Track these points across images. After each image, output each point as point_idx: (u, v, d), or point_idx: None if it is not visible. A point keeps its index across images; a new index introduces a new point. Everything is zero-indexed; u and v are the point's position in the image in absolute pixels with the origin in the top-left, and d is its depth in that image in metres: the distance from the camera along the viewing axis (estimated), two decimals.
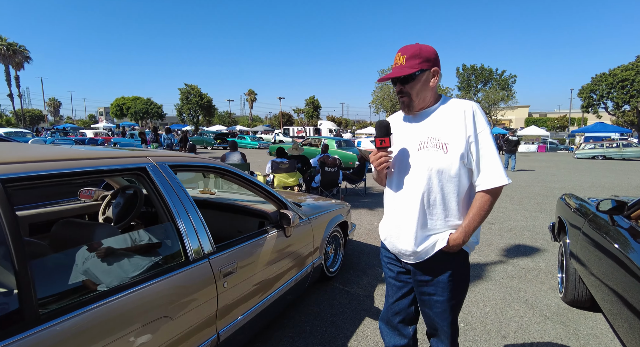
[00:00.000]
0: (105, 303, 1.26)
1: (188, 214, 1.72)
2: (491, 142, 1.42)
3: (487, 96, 34.76)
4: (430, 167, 1.42)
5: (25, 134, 19.70)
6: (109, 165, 1.51)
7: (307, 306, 2.95)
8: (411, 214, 1.46)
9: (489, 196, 1.42)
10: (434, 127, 1.46)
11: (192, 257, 1.66)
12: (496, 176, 1.39)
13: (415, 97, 1.44)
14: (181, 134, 19.33)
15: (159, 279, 1.49)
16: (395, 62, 1.43)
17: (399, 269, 1.64)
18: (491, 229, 5.49)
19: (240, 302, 1.95)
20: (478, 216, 1.41)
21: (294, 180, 6.64)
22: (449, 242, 1.45)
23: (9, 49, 39.21)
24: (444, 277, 1.50)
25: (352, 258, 4.09)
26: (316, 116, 51.92)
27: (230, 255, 1.89)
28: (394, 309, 1.69)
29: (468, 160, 1.41)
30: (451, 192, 1.43)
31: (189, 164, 1.93)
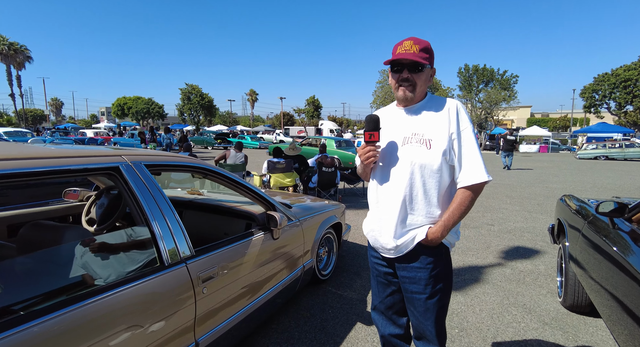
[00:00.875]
0: (67, 312, 1.17)
1: (164, 216, 1.63)
2: (473, 139, 1.45)
3: (489, 96, 34.61)
4: (413, 162, 1.44)
5: (25, 133, 19.69)
6: (77, 164, 1.42)
7: (297, 310, 2.86)
8: (393, 207, 1.48)
9: (470, 192, 1.44)
10: (419, 123, 1.48)
11: (167, 262, 1.58)
12: (477, 172, 1.42)
13: (419, 89, 1.46)
14: (180, 134, 19.31)
15: (130, 285, 1.40)
16: (406, 48, 1.41)
17: (385, 270, 1.66)
18: (490, 231, 5.39)
19: (222, 308, 1.86)
20: (458, 210, 1.43)
21: (291, 180, 6.55)
22: (427, 236, 1.47)
23: (10, 49, 39.27)
24: (425, 273, 1.51)
25: (347, 260, 4.00)
26: (317, 116, 51.84)
27: (211, 259, 1.80)
28: (386, 303, 1.72)
29: (450, 157, 1.44)
30: (433, 187, 1.45)
31: (168, 164, 1.84)
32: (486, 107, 34.60)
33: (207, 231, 2.72)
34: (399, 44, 1.45)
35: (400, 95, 1.49)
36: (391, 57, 1.45)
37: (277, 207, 2.48)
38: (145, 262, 1.56)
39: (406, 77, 1.45)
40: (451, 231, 1.49)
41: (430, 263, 1.51)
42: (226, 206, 2.65)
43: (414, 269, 1.52)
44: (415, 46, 1.41)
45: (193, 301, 1.65)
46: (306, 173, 7.39)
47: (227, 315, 1.92)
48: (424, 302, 1.53)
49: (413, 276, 1.53)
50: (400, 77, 1.46)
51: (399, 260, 1.56)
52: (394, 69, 1.47)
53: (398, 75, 1.46)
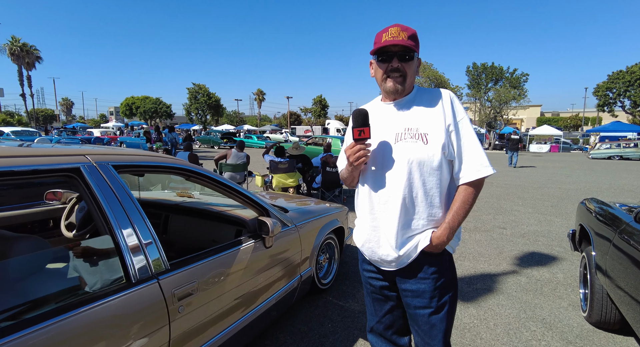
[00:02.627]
0: (5, 342, 0.96)
1: (133, 224, 1.41)
2: (472, 130, 1.35)
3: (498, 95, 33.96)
4: (409, 160, 1.31)
5: (33, 132, 19.79)
6: (26, 165, 1.21)
7: (293, 323, 2.63)
8: (391, 214, 1.35)
9: (472, 188, 1.34)
10: (411, 117, 1.36)
11: (135, 278, 1.36)
12: (480, 166, 1.32)
13: (409, 79, 1.35)
14: (185, 133, 19.25)
15: (87, 307, 1.19)
16: (393, 35, 1.28)
17: (381, 284, 1.51)
18: (502, 235, 5.11)
19: (203, 328, 1.64)
20: (462, 209, 1.33)
21: (293, 180, 6.32)
22: (432, 241, 1.34)
23: (22, 50, 39.71)
24: (429, 284, 1.38)
25: (350, 266, 3.75)
26: (324, 115, 51.57)
27: (189, 273, 1.58)
28: (385, 322, 1.57)
29: (449, 151, 1.32)
30: (434, 186, 1.33)
31: (142, 164, 1.62)
32: (495, 106, 33.94)
33: (193, 238, 2.50)
34: (384, 32, 1.31)
35: (389, 87, 1.35)
36: (377, 46, 1.31)
37: (271, 212, 2.25)
38: (109, 279, 1.34)
39: (396, 67, 1.31)
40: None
41: (435, 272, 1.38)
42: (215, 211, 2.43)
43: (417, 281, 1.39)
44: (403, 33, 1.28)
45: (166, 323, 1.44)
46: (310, 173, 7.16)
47: (210, 335, 1.70)
48: (428, 317, 1.39)
49: (416, 289, 1.39)
50: (390, 66, 1.32)
51: (399, 272, 1.41)
52: (380, 58, 1.34)
53: (387, 65, 1.33)
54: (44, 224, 2.57)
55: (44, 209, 2.61)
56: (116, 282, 1.34)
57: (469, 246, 4.57)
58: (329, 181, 6.68)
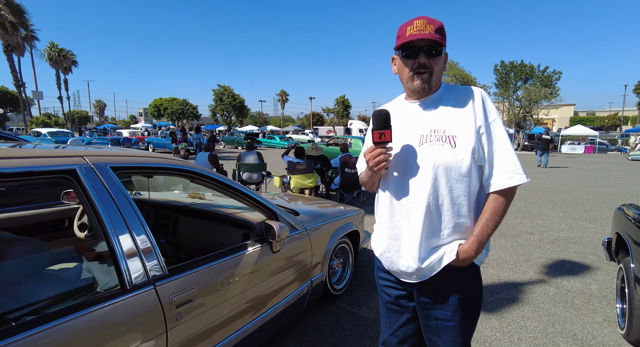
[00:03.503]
0: None
1: (129, 228, 1.36)
2: (504, 133, 1.23)
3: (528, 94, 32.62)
4: (435, 165, 1.20)
5: (67, 133, 20.73)
6: (18, 166, 1.18)
7: (304, 330, 2.54)
8: (414, 223, 1.24)
9: (503, 198, 1.22)
10: (437, 118, 1.25)
11: (130, 284, 1.31)
12: (513, 173, 1.20)
13: (435, 76, 1.24)
14: (209, 134, 19.62)
15: (78, 313, 1.14)
16: (419, 28, 1.17)
17: (397, 293, 1.42)
18: (530, 240, 4.83)
19: (204, 336, 1.58)
20: (492, 221, 1.21)
21: (312, 181, 6.24)
22: (458, 255, 1.23)
23: (59, 55, 41.69)
24: (454, 297, 1.28)
25: (365, 271, 3.63)
26: (346, 116, 51.32)
27: (188, 279, 1.52)
28: (399, 336, 1.46)
29: (479, 156, 1.21)
30: (462, 194, 1.22)
31: (143, 166, 1.58)
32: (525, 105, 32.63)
33: (202, 241, 2.46)
34: (408, 25, 1.20)
35: (416, 85, 1.24)
36: (401, 40, 1.20)
37: (279, 215, 2.17)
38: (102, 285, 1.30)
39: (423, 63, 1.20)
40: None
41: (460, 285, 1.28)
42: (223, 213, 2.38)
43: (440, 294, 1.29)
44: (430, 26, 1.17)
45: (163, 331, 1.38)
46: (328, 174, 7.06)
47: (213, 343, 1.64)
48: (451, 329, 1.30)
49: (439, 301, 1.30)
50: (416, 63, 1.21)
51: (420, 284, 1.31)
52: (405, 54, 1.23)
53: (412, 61, 1.22)
54: (60, 224, 2.61)
55: (60, 209, 2.65)
56: (110, 288, 1.29)
57: (492, 252, 4.35)
58: (348, 182, 6.55)
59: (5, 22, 27.24)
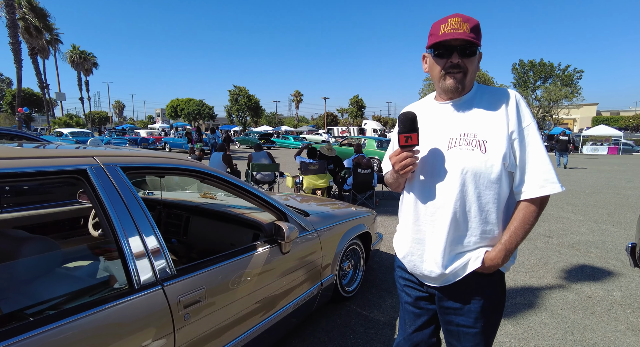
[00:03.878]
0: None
1: (138, 229, 1.37)
2: (539, 139, 1.18)
3: (548, 93, 31.83)
4: (464, 170, 1.17)
5: (87, 133, 21.32)
6: (31, 166, 1.20)
7: (313, 333, 2.52)
8: (439, 228, 1.22)
9: (535, 206, 1.18)
10: (468, 121, 1.21)
11: (138, 284, 1.32)
12: (546, 181, 1.15)
13: (469, 76, 1.20)
14: (224, 134, 19.86)
15: (87, 313, 1.16)
16: (453, 26, 1.14)
17: (418, 294, 1.40)
18: (548, 244, 4.69)
19: (212, 336, 1.58)
20: (521, 230, 1.18)
21: (324, 182, 6.23)
22: (484, 262, 1.20)
23: (80, 57, 42.92)
24: (477, 304, 1.25)
25: (377, 273, 3.59)
26: (360, 116, 51.15)
27: (196, 280, 1.52)
28: (413, 340, 1.44)
29: (510, 162, 1.16)
30: (490, 201, 1.18)
31: (153, 166, 1.59)
32: (544, 105, 31.87)
33: (213, 241, 2.47)
34: (443, 22, 1.16)
35: (449, 85, 1.20)
36: (434, 39, 1.17)
37: (289, 216, 2.16)
38: (110, 284, 1.31)
39: (457, 63, 1.17)
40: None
41: (483, 292, 1.26)
42: (233, 213, 2.38)
43: (463, 300, 1.27)
44: (465, 25, 1.13)
45: (171, 331, 1.38)
46: (341, 175, 7.03)
47: (221, 343, 1.64)
48: (473, 336, 1.28)
49: (460, 307, 1.28)
50: (449, 62, 1.18)
51: (442, 289, 1.30)
52: (437, 53, 1.19)
53: (445, 60, 1.18)
54: (76, 223, 2.66)
55: (77, 207, 2.70)
56: (118, 287, 1.30)
57: None
58: (361, 183, 6.51)
59: (29, 26, 28.21)
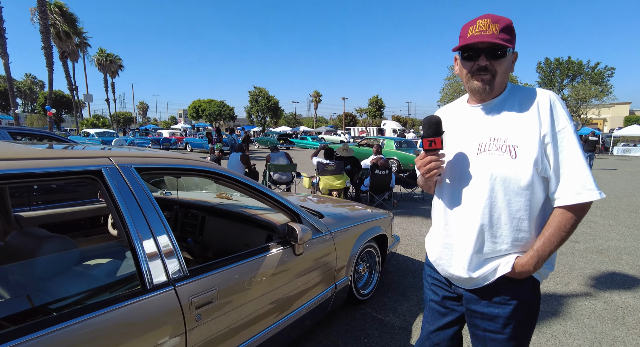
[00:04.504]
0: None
1: (151, 229, 1.38)
2: (575, 142, 1.10)
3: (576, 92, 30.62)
4: (493, 176, 1.14)
5: (112, 133, 22.04)
6: (48, 167, 1.23)
7: (327, 335, 2.50)
8: (467, 234, 1.20)
9: (572, 214, 1.11)
10: (499, 125, 1.17)
11: (150, 284, 1.33)
12: (583, 187, 1.08)
13: (499, 78, 1.16)
14: (244, 135, 20.12)
15: (99, 312, 1.17)
16: (481, 28, 1.12)
17: (445, 293, 1.37)
18: (574, 249, 4.49)
19: (224, 337, 1.58)
20: (556, 237, 1.11)
21: (341, 183, 6.19)
22: (514, 268, 1.16)
23: (107, 59, 44.44)
24: (506, 310, 1.20)
25: (394, 277, 3.53)
26: (379, 116, 50.75)
27: (209, 280, 1.52)
28: (433, 339, 1.42)
29: (543, 167, 1.11)
30: (521, 208, 1.14)
31: (165, 167, 1.60)
32: (572, 104, 30.67)
33: (227, 241, 2.48)
34: (471, 24, 1.14)
35: (475, 86, 1.17)
36: (462, 41, 1.15)
37: (302, 217, 2.14)
38: (123, 284, 1.33)
39: (484, 66, 1.14)
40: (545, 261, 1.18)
41: (514, 299, 1.20)
42: (248, 214, 2.38)
43: (491, 304, 1.23)
44: (494, 26, 1.10)
45: (183, 331, 1.39)
46: (358, 175, 6.97)
47: (233, 344, 1.64)
48: (499, 343, 1.23)
49: (489, 312, 1.23)
50: (476, 65, 1.15)
51: (472, 292, 1.27)
52: (465, 55, 1.17)
53: (472, 63, 1.16)
54: (97, 221, 2.73)
55: (98, 206, 2.78)
56: (130, 287, 1.31)
57: None
58: (378, 184, 6.44)
59: (60, 31, 29.39)
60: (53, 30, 27.98)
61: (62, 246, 1.42)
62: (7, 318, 1.12)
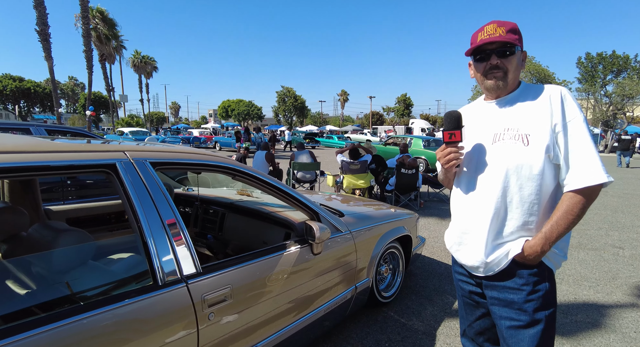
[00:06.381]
0: (10, 342, 0.95)
1: (164, 224, 1.36)
2: (585, 132, 1.18)
3: (621, 88, 28.66)
4: (506, 163, 1.23)
5: (145, 132, 22.91)
6: (63, 160, 1.23)
7: (347, 338, 2.42)
8: (482, 219, 1.28)
9: (581, 197, 1.17)
10: (512, 116, 1.27)
11: (162, 281, 1.31)
12: (591, 172, 1.14)
13: (511, 75, 1.26)
14: (270, 134, 20.35)
15: (110, 307, 1.16)
16: (489, 32, 1.23)
17: (470, 288, 1.44)
18: (618, 256, 4.16)
19: (237, 337, 1.54)
20: (564, 220, 1.17)
21: (364, 182, 6.07)
22: (524, 250, 1.23)
23: (142, 61, 46.29)
24: (521, 296, 1.26)
25: (418, 280, 3.39)
26: (407, 115, 49.85)
27: (222, 278, 1.49)
28: (476, 328, 1.51)
29: (555, 154, 1.19)
30: (532, 193, 1.21)
31: (182, 162, 1.58)
32: (616, 101, 28.74)
33: (246, 238, 2.46)
34: (479, 31, 1.27)
35: (490, 84, 1.28)
36: (473, 46, 1.27)
37: (321, 216, 2.08)
38: (134, 280, 1.32)
39: (495, 64, 1.25)
40: (556, 248, 1.24)
41: (527, 284, 1.25)
42: (266, 211, 2.35)
43: (505, 290, 1.29)
44: (501, 28, 1.22)
45: (195, 330, 1.36)
46: (383, 175, 6.82)
47: (247, 344, 1.60)
48: (515, 331, 1.26)
49: (503, 298, 1.29)
50: (488, 64, 1.26)
51: (487, 279, 1.34)
52: (477, 57, 1.29)
53: (484, 63, 1.27)
54: (120, 216, 2.79)
55: None
56: (142, 283, 1.30)
57: (568, 265, 3.82)
58: (404, 184, 6.27)
59: (100, 35, 30.90)
60: (94, 34, 29.45)
61: (78, 240, 1.43)
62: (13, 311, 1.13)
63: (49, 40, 18.75)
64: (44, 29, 18.41)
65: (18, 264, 1.34)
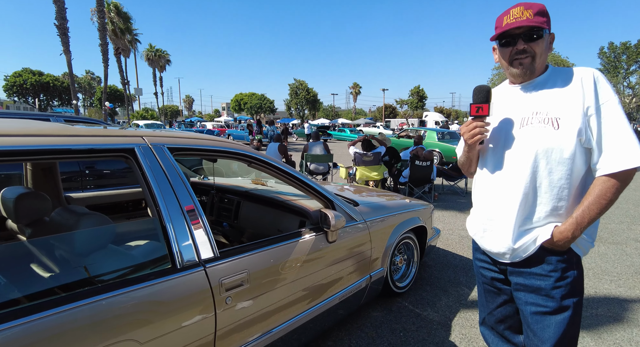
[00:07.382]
0: (33, 320, 0.98)
1: (182, 209, 1.37)
2: (620, 114, 1.13)
3: None
4: (536, 146, 1.19)
5: (159, 125, 23.19)
6: (83, 144, 1.24)
7: (362, 327, 2.42)
8: (510, 205, 1.24)
9: (615, 180, 1.12)
10: (541, 100, 1.22)
11: (180, 264, 1.32)
12: (628, 154, 1.09)
13: (538, 59, 1.22)
14: (282, 126, 20.39)
15: (128, 288, 1.17)
16: (515, 16, 1.18)
17: (493, 275, 1.42)
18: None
19: (253, 322, 1.55)
20: (596, 205, 1.13)
21: (377, 174, 6.03)
22: (553, 236, 1.19)
23: (155, 55, 46.72)
24: (548, 282, 1.23)
25: (433, 271, 3.36)
26: (421, 107, 49.22)
27: (239, 263, 1.49)
28: (497, 316, 1.48)
29: (587, 138, 1.14)
30: (562, 177, 1.18)
31: (197, 148, 1.59)
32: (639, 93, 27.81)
33: (261, 226, 2.47)
34: (505, 14, 1.21)
35: (516, 71, 1.24)
36: (499, 30, 1.22)
37: (336, 204, 2.07)
38: (152, 263, 1.33)
39: (522, 49, 1.20)
40: (585, 234, 1.20)
41: (555, 271, 1.23)
42: (281, 200, 2.35)
43: (533, 276, 1.26)
44: (528, 11, 1.17)
45: (212, 313, 1.37)
46: (397, 167, 6.76)
47: (264, 329, 1.61)
48: (541, 317, 1.24)
49: (530, 284, 1.27)
50: (515, 49, 1.22)
51: (514, 265, 1.31)
52: (503, 41, 1.24)
53: (511, 48, 1.23)
54: (138, 204, 2.84)
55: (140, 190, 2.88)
56: (161, 266, 1.31)
57: (589, 259, 3.73)
58: (418, 176, 6.20)
59: (116, 29, 31.28)
60: (110, 28, 29.83)
61: (98, 223, 1.45)
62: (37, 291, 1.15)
63: (67, 34, 19.06)
64: (63, 23, 18.71)
65: (42, 246, 1.37)
